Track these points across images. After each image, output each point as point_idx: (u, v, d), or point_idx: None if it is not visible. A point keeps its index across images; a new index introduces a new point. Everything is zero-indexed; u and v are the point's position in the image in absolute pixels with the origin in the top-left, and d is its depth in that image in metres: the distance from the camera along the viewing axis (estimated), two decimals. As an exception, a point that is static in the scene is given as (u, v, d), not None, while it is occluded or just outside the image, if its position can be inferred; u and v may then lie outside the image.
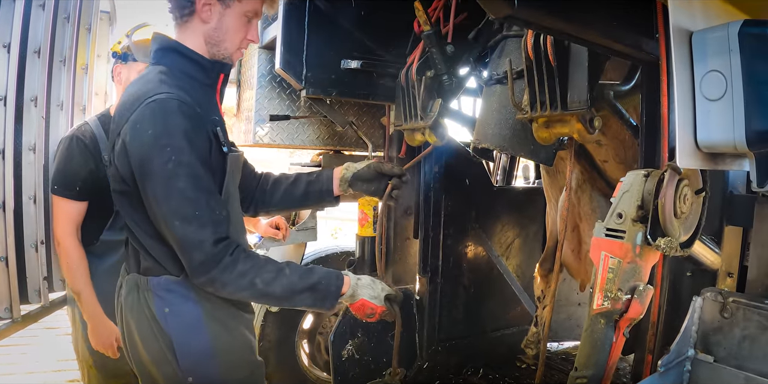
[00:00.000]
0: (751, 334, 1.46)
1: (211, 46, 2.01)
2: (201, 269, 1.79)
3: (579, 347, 1.52)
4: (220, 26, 1.99)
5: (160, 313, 1.90)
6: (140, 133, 1.77)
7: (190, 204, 1.78)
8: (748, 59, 1.05)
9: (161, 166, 1.75)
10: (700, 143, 1.12)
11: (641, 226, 1.39)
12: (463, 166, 3.43)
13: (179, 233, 1.77)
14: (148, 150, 1.76)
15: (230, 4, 1.97)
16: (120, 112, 1.89)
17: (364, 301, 2.06)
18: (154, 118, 1.78)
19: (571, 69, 1.97)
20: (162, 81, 1.87)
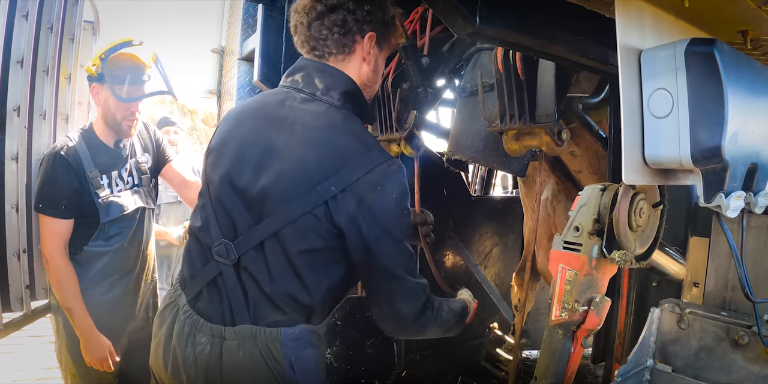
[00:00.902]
0: (707, 344, 1.49)
1: (365, 87, 2.02)
2: (421, 312, 1.90)
3: (538, 357, 1.55)
4: (376, 69, 2.02)
5: (287, 361, 1.87)
6: (386, 196, 1.79)
7: (411, 258, 1.88)
8: (694, 78, 1.08)
9: (401, 227, 1.83)
10: (648, 159, 1.15)
11: (597, 239, 1.43)
12: (440, 176, 3.45)
13: (409, 282, 1.86)
14: (392, 211, 1.80)
15: (383, 46, 2.02)
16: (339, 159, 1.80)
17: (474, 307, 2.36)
18: (397, 182, 1.81)
19: (539, 82, 2.00)
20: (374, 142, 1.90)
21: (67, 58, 3.47)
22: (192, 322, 1.93)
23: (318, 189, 1.76)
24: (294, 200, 1.78)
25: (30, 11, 3.01)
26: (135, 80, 3.06)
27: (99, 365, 3.02)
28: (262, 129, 1.93)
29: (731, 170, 1.09)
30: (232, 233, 1.89)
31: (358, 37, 1.94)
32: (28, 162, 3.07)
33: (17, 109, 2.96)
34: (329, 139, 1.83)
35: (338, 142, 1.82)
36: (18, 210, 2.99)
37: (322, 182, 1.76)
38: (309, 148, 1.81)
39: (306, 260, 1.82)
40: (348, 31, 1.92)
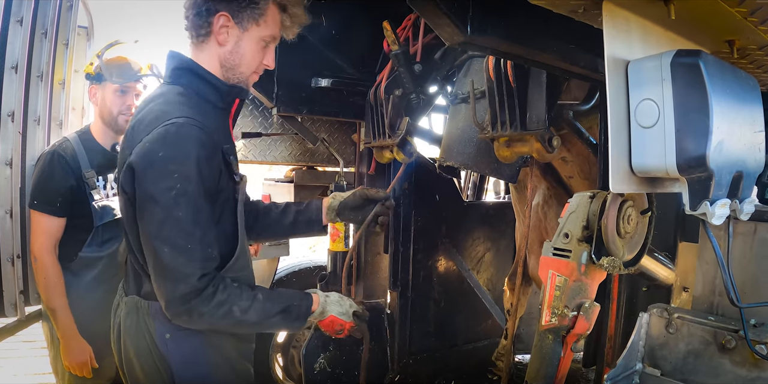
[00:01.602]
0: (695, 349, 1.51)
1: (226, 70, 2.00)
2: (181, 300, 1.76)
3: (529, 362, 1.57)
4: (236, 50, 1.99)
5: (160, 338, 1.88)
6: (150, 153, 1.75)
7: (185, 236, 1.75)
8: (679, 88, 1.10)
9: (165, 191, 1.72)
10: (635, 168, 1.17)
11: (586, 245, 1.45)
12: (432, 182, 3.47)
13: (168, 262, 1.74)
14: (155, 172, 1.73)
15: (248, 28, 1.97)
16: (135, 130, 1.86)
17: (333, 318, 2.10)
18: (168, 141, 1.75)
19: (531, 90, 2.02)
20: (182, 103, 1.86)
21: (61, 63, 3.46)
22: (119, 295, 2.10)
23: (122, 164, 1.86)
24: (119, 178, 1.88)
25: (24, 16, 3.01)
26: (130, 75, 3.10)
27: (78, 370, 3.01)
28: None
29: (716, 178, 1.11)
30: None
31: (212, 19, 1.94)
32: (22, 167, 3.07)
33: (11, 114, 2.95)
34: (141, 110, 1.93)
35: (141, 115, 1.89)
36: (12, 215, 2.99)
37: (124, 156, 1.86)
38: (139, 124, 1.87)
39: (127, 222, 1.89)
40: (199, 12, 1.94)
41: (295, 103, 2.97)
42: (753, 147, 1.27)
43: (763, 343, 1.39)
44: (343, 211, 2.43)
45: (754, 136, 1.27)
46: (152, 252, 1.77)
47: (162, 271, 1.77)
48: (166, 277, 1.77)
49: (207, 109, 1.94)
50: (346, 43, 3.07)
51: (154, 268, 1.80)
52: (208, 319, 1.81)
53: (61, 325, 2.97)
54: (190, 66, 1.97)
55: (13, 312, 3.08)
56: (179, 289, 1.75)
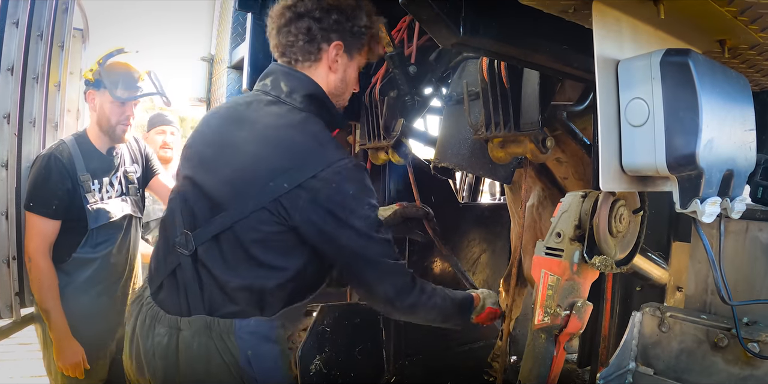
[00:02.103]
0: (688, 347, 1.52)
1: (333, 96, 2.08)
2: (404, 292, 1.97)
3: (522, 361, 1.58)
4: (344, 78, 2.09)
5: (243, 355, 1.89)
6: (343, 193, 1.85)
7: (389, 245, 1.95)
8: (669, 87, 1.11)
9: (361, 219, 1.87)
10: (625, 166, 1.18)
11: (578, 244, 1.46)
12: (428, 183, 3.47)
13: (385, 267, 1.93)
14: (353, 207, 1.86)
15: (354, 56, 2.09)
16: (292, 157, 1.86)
17: (489, 309, 2.34)
18: (353, 179, 1.87)
19: (524, 91, 2.03)
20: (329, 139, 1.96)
21: (57, 65, 3.48)
22: (153, 313, 1.98)
23: (271, 185, 1.82)
24: (247, 195, 1.85)
25: (20, 18, 3.02)
26: (130, 85, 3.12)
27: (71, 370, 3.03)
28: (225, 128, 2.03)
29: (706, 177, 1.12)
30: (192, 225, 1.95)
31: (324, 45, 2.02)
32: (17, 169, 3.08)
33: (7, 116, 2.96)
34: (285, 137, 1.90)
35: (294, 140, 1.89)
36: (8, 217, 3.00)
37: (275, 179, 1.82)
38: (265, 146, 1.89)
39: (259, 250, 1.87)
40: (313, 38, 2.00)
41: (291, 104, 2.96)
42: (743, 145, 1.28)
43: (755, 341, 1.40)
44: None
45: (744, 135, 1.28)
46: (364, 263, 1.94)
47: (381, 272, 1.95)
48: (388, 277, 1.95)
49: None
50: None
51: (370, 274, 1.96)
52: (423, 310, 2.04)
53: (55, 326, 2.98)
54: (321, 96, 2.04)
55: (8, 313, 3.08)
56: (398, 283, 1.96)
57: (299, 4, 2.00)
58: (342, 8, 2.02)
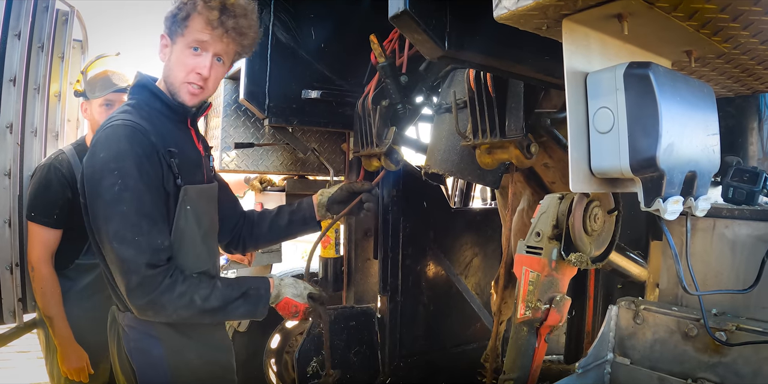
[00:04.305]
0: (661, 337, 1.62)
1: (168, 85, 2.08)
2: (139, 292, 1.82)
3: (506, 353, 1.67)
4: (169, 63, 2.08)
5: (127, 346, 1.96)
6: (93, 156, 1.85)
7: (131, 228, 1.81)
8: (631, 97, 1.21)
9: (108, 188, 1.80)
10: (594, 169, 1.28)
11: (556, 243, 1.56)
12: (420, 189, 3.53)
13: (118, 255, 1.80)
14: (98, 172, 1.82)
15: (177, 40, 2.05)
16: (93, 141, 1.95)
17: (287, 300, 2.16)
18: (107, 142, 1.84)
19: (509, 99, 2.11)
20: (125, 111, 1.97)
21: (57, 76, 3.56)
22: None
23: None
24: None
25: (22, 31, 3.09)
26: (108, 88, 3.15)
27: (76, 375, 3.07)
28: None
29: (668, 178, 1.21)
30: None
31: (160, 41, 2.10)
32: (20, 178, 3.15)
33: (10, 126, 3.03)
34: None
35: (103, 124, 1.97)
36: (11, 224, 3.06)
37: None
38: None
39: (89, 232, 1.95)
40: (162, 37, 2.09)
41: (286, 114, 3.05)
42: (706, 149, 1.37)
43: (722, 330, 1.50)
44: (331, 205, 2.56)
45: (707, 139, 1.38)
46: (106, 249, 1.85)
47: (115, 265, 1.84)
48: (121, 272, 1.82)
49: (161, 120, 2.04)
50: (334, 55, 3.17)
51: (111, 266, 1.87)
52: (172, 310, 1.88)
53: (58, 332, 3.03)
54: (144, 83, 2.10)
55: (11, 319, 3.14)
56: (133, 281, 1.81)
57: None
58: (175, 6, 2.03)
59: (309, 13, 3.07)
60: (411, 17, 1.42)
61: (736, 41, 1.42)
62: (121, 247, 1.80)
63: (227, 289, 2.00)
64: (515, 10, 1.16)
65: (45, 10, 3.31)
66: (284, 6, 2.99)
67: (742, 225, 1.59)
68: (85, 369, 3.09)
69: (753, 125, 2.16)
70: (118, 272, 1.84)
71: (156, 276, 1.83)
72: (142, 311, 1.87)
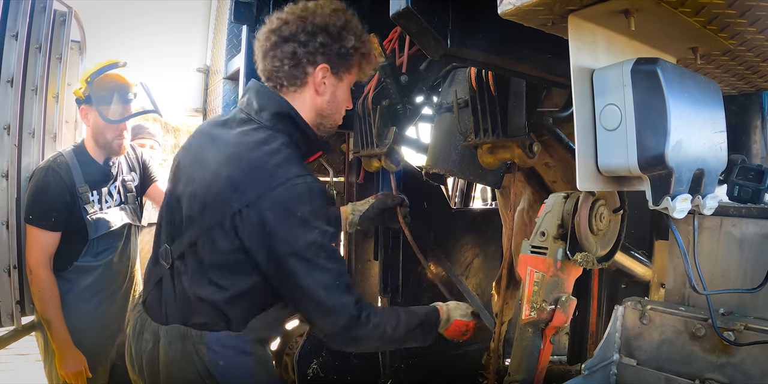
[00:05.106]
0: (668, 338, 1.60)
1: (321, 118, 2.07)
2: (344, 331, 1.91)
3: (511, 354, 1.65)
4: (333, 99, 2.07)
5: (213, 365, 1.92)
6: (290, 213, 1.81)
7: (332, 275, 1.87)
8: (639, 93, 1.19)
9: (309, 245, 1.82)
10: (601, 168, 1.26)
11: (561, 242, 1.54)
12: (420, 190, 3.52)
13: (324, 301, 1.87)
14: (298, 230, 1.82)
15: (343, 77, 2.06)
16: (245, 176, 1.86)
17: (457, 322, 2.24)
18: (304, 200, 1.83)
19: (511, 98, 2.10)
20: (293, 158, 1.91)
21: (55, 77, 3.54)
22: (142, 320, 2.08)
23: (225, 204, 1.84)
24: (208, 212, 1.87)
25: (20, 31, 3.08)
26: (121, 100, 3.15)
27: (74, 379, 3.06)
28: (201, 145, 2.05)
29: (676, 175, 1.20)
30: (171, 238, 2.02)
31: (310, 69, 2.00)
32: (18, 179, 3.13)
33: (7, 127, 3.02)
34: (244, 156, 1.89)
35: (250, 159, 1.88)
36: (8, 226, 3.05)
37: (229, 197, 1.83)
38: (225, 164, 1.88)
39: (213, 268, 1.90)
40: (298, 63, 1.98)
41: (286, 114, 3.02)
42: (714, 146, 1.36)
43: (730, 329, 1.48)
44: (363, 222, 2.70)
45: (714, 136, 1.36)
46: (305, 295, 1.88)
47: (320, 309, 1.89)
48: (327, 314, 1.90)
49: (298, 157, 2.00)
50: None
51: (311, 308, 1.92)
52: (369, 341, 2.00)
53: (56, 336, 3.02)
54: (292, 115, 2.00)
55: (9, 322, 3.12)
56: (340, 322, 1.89)
57: (284, 27, 1.98)
58: (328, 30, 1.98)
59: (308, 13, 3.04)
60: (413, 15, 1.41)
61: (742, 38, 1.41)
62: (327, 293, 1.87)
63: (408, 318, 2.09)
64: (520, 5, 1.15)
65: (42, 11, 3.30)
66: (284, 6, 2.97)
67: (750, 223, 1.57)
68: (83, 373, 3.09)
69: (756, 123, 2.15)
70: (321, 314, 1.91)
71: (358, 314, 1.92)
72: (343, 345, 2.02)
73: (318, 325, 1.94)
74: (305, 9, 2.01)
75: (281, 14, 2.02)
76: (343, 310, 1.89)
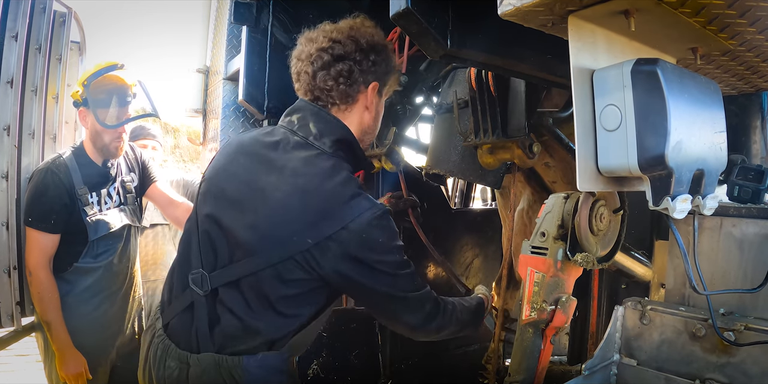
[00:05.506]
0: (668, 338, 1.60)
1: (365, 134, 2.04)
2: (429, 319, 1.96)
3: (512, 355, 1.65)
4: (377, 117, 2.06)
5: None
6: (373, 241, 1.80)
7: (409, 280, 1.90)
8: (639, 94, 1.20)
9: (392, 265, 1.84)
10: (601, 168, 1.26)
11: (562, 243, 1.54)
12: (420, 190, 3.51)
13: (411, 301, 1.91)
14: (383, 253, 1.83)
15: (384, 94, 2.06)
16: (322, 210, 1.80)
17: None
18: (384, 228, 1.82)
19: (511, 99, 2.11)
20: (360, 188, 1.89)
21: (55, 78, 3.53)
22: (164, 346, 1.98)
23: (300, 236, 1.77)
24: (275, 244, 1.81)
25: (19, 32, 3.08)
26: (119, 102, 3.14)
27: (74, 381, 3.05)
28: (252, 168, 1.94)
29: (676, 176, 1.20)
30: (211, 265, 1.92)
31: (362, 88, 1.96)
32: (17, 180, 3.13)
33: (7, 128, 3.02)
34: (315, 186, 1.82)
35: (323, 190, 1.82)
36: (8, 227, 3.05)
37: (305, 230, 1.77)
38: (294, 195, 1.82)
39: (280, 299, 1.85)
40: (354, 82, 1.94)
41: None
42: (714, 146, 1.36)
43: (730, 330, 1.48)
44: None
45: (714, 137, 1.36)
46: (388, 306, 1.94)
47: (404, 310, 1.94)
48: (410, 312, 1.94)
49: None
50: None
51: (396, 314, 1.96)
52: (448, 327, 2.05)
53: (56, 337, 3.02)
54: (351, 140, 1.98)
55: (9, 323, 3.12)
56: (424, 312, 1.96)
57: (336, 46, 1.93)
58: (378, 49, 1.97)
59: (308, 14, 3.05)
60: (413, 15, 1.41)
61: (742, 38, 1.41)
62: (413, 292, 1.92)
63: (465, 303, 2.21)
64: (520, 6, 1.15)
65: (42, 12, 3.30)
66: (283, 6, 2.98)
67: (750, 224, 1.57)
68: (83, 374, 3.08)
69: (756, 123, 2.15)
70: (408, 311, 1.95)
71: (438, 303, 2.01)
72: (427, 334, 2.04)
73: (404, 320, 1.97)
74: (352, 27, 1.98)
75: (326, 33, 1.98)
76: (427, 299, 1.96)
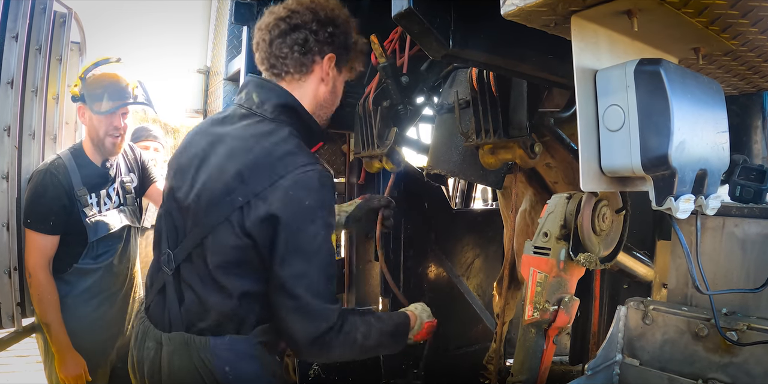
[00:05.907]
0: (670, 338, 1.60)
1: (320, 108, 2.05)
2: (319, 338, 1.82)
3: (514, 355, 1.65)
4: (334, 90, 2.07)
5: (220, 371, 1.87)
6: (297, 202, 1.76)
7: (325, 280, 1.82)
8: (642, 94, 1.20)
9: (312, 239, 1.77)
10: (604, 168, 1.26)
11: (564, 243, 1.54)
12: (421, 190, 3.52)
13: (310, 305, 1.79)
14: (303, 221, 1.76)
15: (342, 71, 2.07)
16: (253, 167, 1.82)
17: (426, 325, 2.25)
18: (312, 188, 1.77)
19: (512, 99, 2.10)
20: (301, 147, 1.87)
21: (55, 78, 3.53)
22: (144, 327, 2.03)
23: (232, 196, 1.79)
24: (213, 209, 1.83)
25: (20, 33, 3.08)
26: (114, 96, 3.12)
27: (74, 382, 3.05)
28: (202, 143, 1.99)
29: (679, 176, 1.20)
30: (174, 243, 1.95)
31: (318, 58, 1.99)
32: (18, 181, 3.14)
33: (7, 129, 3.02)
34: (249, 148, 1.85)
35: (257, 151, 1.84)
36: (9, 228, 3.05)
37: (236, 189, 1.79)
38: (230, 159, 1.85)
39: (223, 271, 1.84)
40: (308, 50, 1.97)
41: (286, 114, 3.02)
42: (716, 146, 1.36)
43: (733, 329, 1.48)
44: (348, 223, 2.59)
45: (717, 137, 1.36)
46: (290, 295, 1.80)
47: (303, 312, 1.81)
48: (308, 319, 1.81)
49: None
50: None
51: (292, 310, 1.82)
52: (339, 350, 1.90)
53: (56, 339, 3.01)
54: (295, 106, 1.98)
55: (10, 323, 3.12)
56: (321, 328, 1.81)
57: (294, 15, 1.96)
58: (337, 22, 2.00)
59: (308, 14, 3.03)
60: (415, 15, 1.41)
61: (744, 38, 1.41)
62: (315, 298, 1.80)
63: (380, 325, 2.03)
64: (523, 6, 1.14)
65: (42, 12, 3.29)
66: (283, 4, 2.97)
67: (752, 223, 1.57)
68: (83, 376, 3.08)
69: (757, 123, 2.15)
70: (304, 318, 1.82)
71: (337, 321, 1.85)
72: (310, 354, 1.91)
73: (294, 329, 1.84)
74: (313, 0, 2.01)
75: (286, 4, 2.00)
76: (327, 317, 1.83)
